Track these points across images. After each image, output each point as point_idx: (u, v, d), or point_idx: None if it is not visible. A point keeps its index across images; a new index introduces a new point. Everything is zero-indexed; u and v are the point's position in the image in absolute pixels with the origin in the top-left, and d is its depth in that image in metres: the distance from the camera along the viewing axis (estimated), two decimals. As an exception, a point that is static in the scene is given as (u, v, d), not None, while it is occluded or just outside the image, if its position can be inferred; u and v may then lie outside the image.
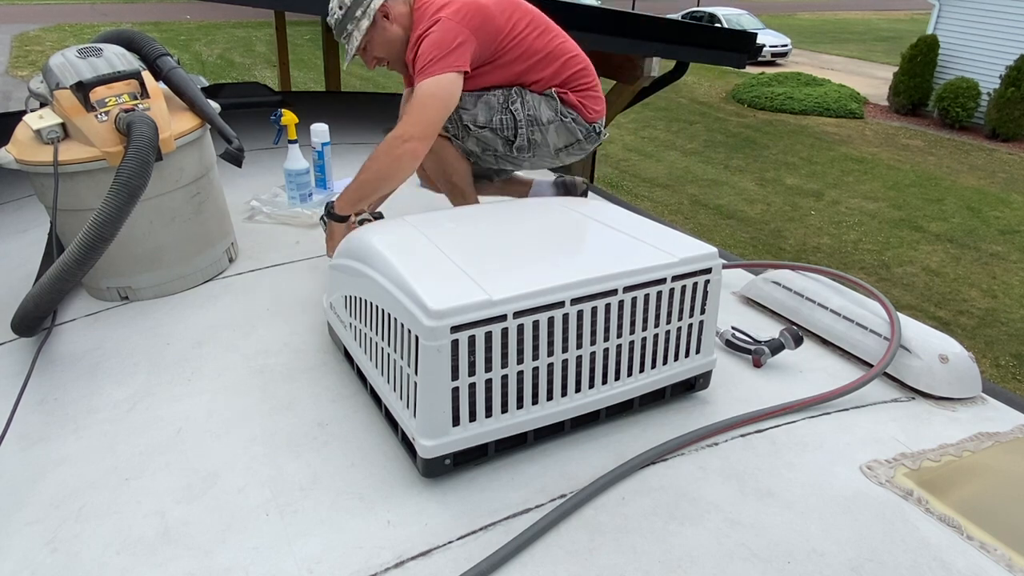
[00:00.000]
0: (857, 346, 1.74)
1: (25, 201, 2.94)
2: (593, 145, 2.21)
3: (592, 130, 2.17)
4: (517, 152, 2.09)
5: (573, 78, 2.11)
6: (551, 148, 2.13)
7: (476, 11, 1.94)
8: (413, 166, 1.88)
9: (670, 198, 10.16)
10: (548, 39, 2.08)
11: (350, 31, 2.01)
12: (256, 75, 15.24)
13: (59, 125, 1.80)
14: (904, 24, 27.78)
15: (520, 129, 2.06)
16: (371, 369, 1.44)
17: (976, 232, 9.01)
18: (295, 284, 2.11)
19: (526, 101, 2.07)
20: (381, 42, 2.03)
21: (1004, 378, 5.99)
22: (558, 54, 2.08)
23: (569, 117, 2.11)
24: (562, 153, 2.17)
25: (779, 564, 1.12)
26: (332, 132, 2.77)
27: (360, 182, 1.90)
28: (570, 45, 2.13)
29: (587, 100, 2.14)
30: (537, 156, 2.14)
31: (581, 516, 1.21)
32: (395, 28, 2.02)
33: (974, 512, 1.24)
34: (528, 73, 2.06)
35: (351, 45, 2.03)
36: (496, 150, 2.08)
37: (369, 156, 1.89)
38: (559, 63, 2.09)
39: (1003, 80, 12.09)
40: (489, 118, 2.03)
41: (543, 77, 2.08)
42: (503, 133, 2.05)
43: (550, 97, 2.09)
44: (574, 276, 1.27)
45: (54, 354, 1.76)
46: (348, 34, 2.02)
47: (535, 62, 2.05)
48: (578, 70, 2.12)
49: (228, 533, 1.18)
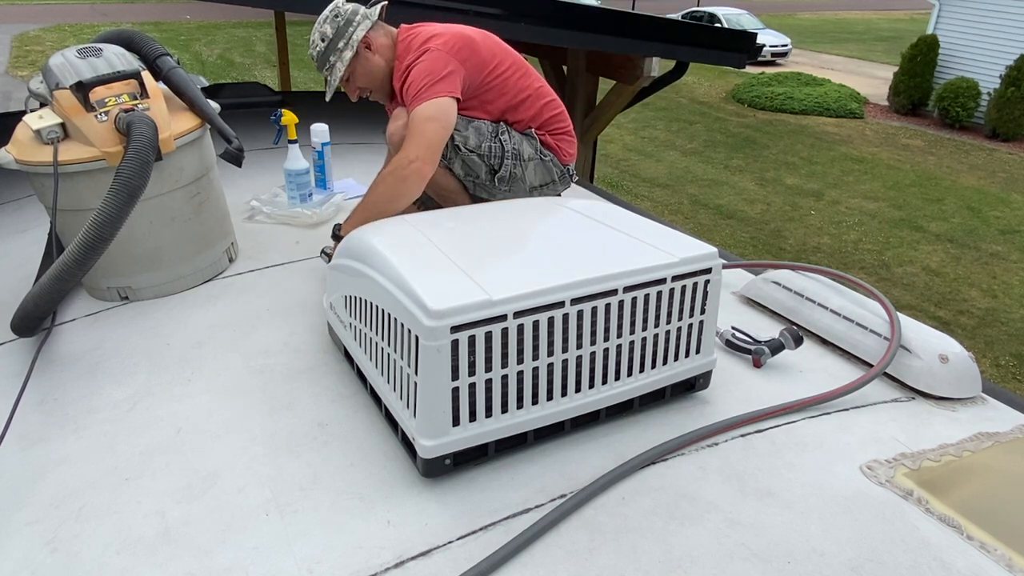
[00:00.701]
0: (857, 346, 1.74)
1: (25, 201, 2.94)
2: (565, 187, 2.28)
3: (566, 172, 2.25)
4: (498, 183, 2.13)
5: (551, 121, 2.18)
6: (527, 185, 2.18)
7: (464, 44, 1.99)
8: (420, 187, 1.90)
9: (670, 198, 10.15)
10: (529, 81, 2.14)
11: (332, 63, 2.04)
12: (256, 75, 15.25)
13: (59, 125, 1.80)
14: (904, 24, 27.78)
15: (506, 159, 2.10)
16: (371, 369, 1.44)
17: (976, 232, 9.01)
18: (295, 284, 2.11)
19: (512, 136, 2.12)
20: (364, 73, 2.07)
21: (1004, 378, 5.99)
22: (537, 97, 2.15)
23: (548, 157, 2.18)
24: (535, 192, 2.22)
25: (779, 564, 1.12)
26: (332, 132, 2.77)
27: (367, 204, 1.92)
28: (547, 90, 2.20)
29: (562, 143, 2.21)
30: (512, 191, 2.18)
31: (581, 516, 1.21)
32: (377, 59, 2.06)
33: (974, 512, 1.24)
34: (511, 112, 2.12)
35: (334, 76, 2.05)
36: (478, 176, 2.10)
37: (374, 181, 1.94)
38: (539, 106, 2.15)
39: (1003, 80, 12.09)
40: (479, 143, 2.06)
41: (524, 118, 2.14)
42: (489, 161, 2.09)
43: (530, 136, 2.15)
44: (574, 276, 1.27)
45: (54, 354, 1.76)
46: (331, 66, 2.04)
47: (518, 101, 2.12)
48: (555, 114, 2.19)
49: (228, 533, 1.18)
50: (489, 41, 2.08)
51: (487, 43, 2.06)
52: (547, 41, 3.58)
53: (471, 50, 1.99)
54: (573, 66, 4.84)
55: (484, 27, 2.16)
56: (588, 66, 4.69)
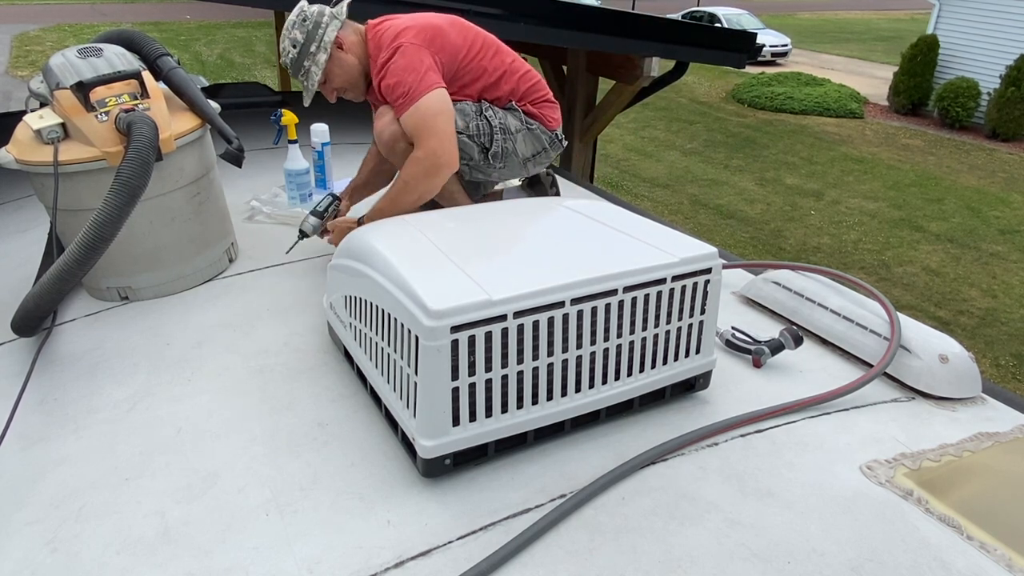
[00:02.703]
0: (857, 346, 1.74)
1: (25, 201, 2.94)
2: (556, 152, 2.29)
3: (555, 137, 2.25)
4: (492, 160, 2.13)
5: (530, 92, 2.19)
6: (520, 158, 2.19)
7: (435, 33, 1.99)
8: (446, 178, 1.97)
9: (670, 198, 10.15)
10: (502, 57, 2.15)
11: (307, 67, 2.01)
12: (256, 75, 15.25)
13: (59, 125, 1.80)
14: (904, 24, 27.77)
15: (495, 135, 2.12)
16: (371, 369, 1.44)
17: (976, 232, 9.01)
18: (295, 284, 2.11)
19: (496, 111, 2.14)
20: (339, 72, 2.06)
21: (1004, 378, 5.99)
22: (512, 72, 2.16)
23: (534, 126, 2.19)
24: (529, 163, 2.24)
25: (779, 564, 1.12)
26: (332, 132, 2.77)
27: (396, 200, 1.96)
28: (520, 63, 2.21)
29: (545, 110, 2.22)
30: (507, 167, 2.20)
31: (581, 516, 1.21)
32: (350, 58, 2.05)
33: (974, 512, 1.24)
34: (489, 90, 2.13)
35: (310, 82, 2.03)
36: (472, 159, 2.11)
37: (397, 178, 1.96)
38: (515, 79, 2.16)
39: (1003, 80, 12.09)
40: (466, 124, 2.06)
41: (503, 93, 2.15)
42: (479, 140, 2.09)
43: (512, 109, 2.16)
44: (574, 276, 1.27)
45: (54, 354, 1.76)
46: (306, 71, 2.02)
47: (495, 79, 2.12)
48: (533, 84, 2.20)
49: (228, 533, 1.18)
50: (457, 25, 2.08)
51: (456, 28, 2.07)
52: (547, 41, 3.58)
53: (442, 38, 2.00)
54: (573, 66, 4.84)
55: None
56: (588, 66, 4.69)
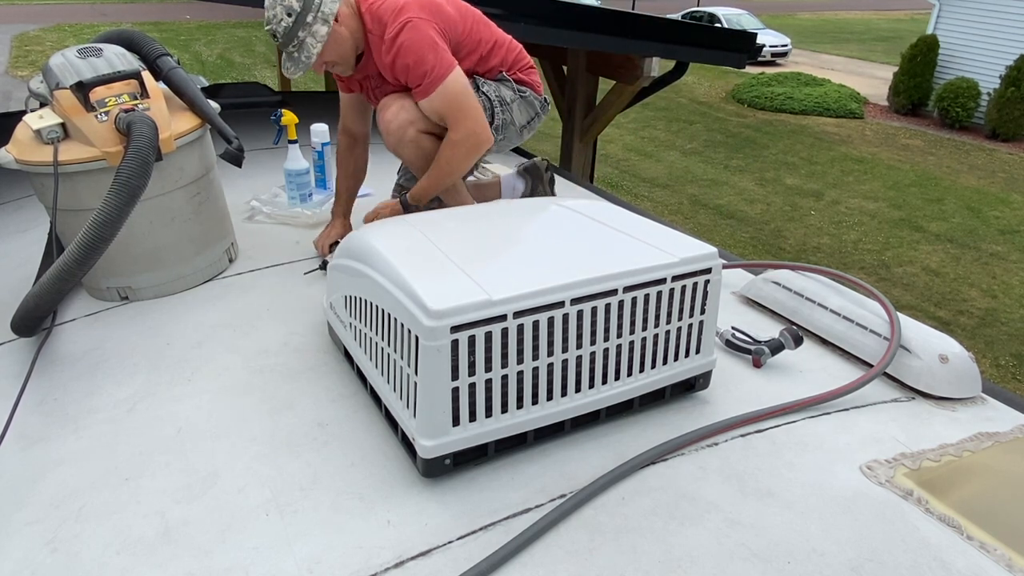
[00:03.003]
0: (857, 346, 1.74)
1: (25, 201, 2.94)
2: (544, 115, 2.37)
3: (544, 101, 2.34)
4: (494, 133, 2.14)
5: (516, 61, 2.26)
6: (516, 127, 2.25)
7: (435, 8, 2.02)
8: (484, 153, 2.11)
9: (670, 198, 10.15)
10: (491, 30, 2.20)
11: (302, 38, 1.93)
12: (256, 75, 15.25)
13: (59, 125, 1.80)
14: (904, 24, 27.76)
15: (495, 110, 2.16)
16: (371, 369, 1.44)
17: (976, 232, 9.00)
18: (295, 284, 2.11)
19: (488, 84, 2.18)
20: (333, 46, 2.00)
21: (1004, 378, 5.99)
22: (500, 43, 2.22)
23: (526, 93, 2.26)
24: (524, 130, 2.30)
25: (779, 564, 1.12)
26: (332, 132, 2.77)
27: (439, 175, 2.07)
28: (503, 34, 2.27)
29: (530, 76, 2.30)
30: (506, 138, 2.25)
31: (581, 516, 1.21)
32: (344, 31, 2.01)
33: (974, 512, 1.24)
34: (481, 63, 2.17)
35: (304, 53, 1.94)
36: None
37: (438, 158, 2.04)
38: (503, 50, 2.22)
39: (1003, 80, 12.09)
40: None
41: (494, 65, 2.20)
42: None
43: (503, 79, 2.21)
44: (574, 276, 1.27)
45: (54, 354, 1.76)
46: (300, 42, 1.93)
47: (487, 52, 2.17)
48: (518, 52, 2.27)
49: (228, 533, 1.18)
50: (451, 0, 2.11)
51: (450, 1, 2.09)
52: (547, 41, 3.57)
53: (443, 14, 2.03)
54: (573, 66, 4.83)
55: None
56: (588, 66, 4.69)
